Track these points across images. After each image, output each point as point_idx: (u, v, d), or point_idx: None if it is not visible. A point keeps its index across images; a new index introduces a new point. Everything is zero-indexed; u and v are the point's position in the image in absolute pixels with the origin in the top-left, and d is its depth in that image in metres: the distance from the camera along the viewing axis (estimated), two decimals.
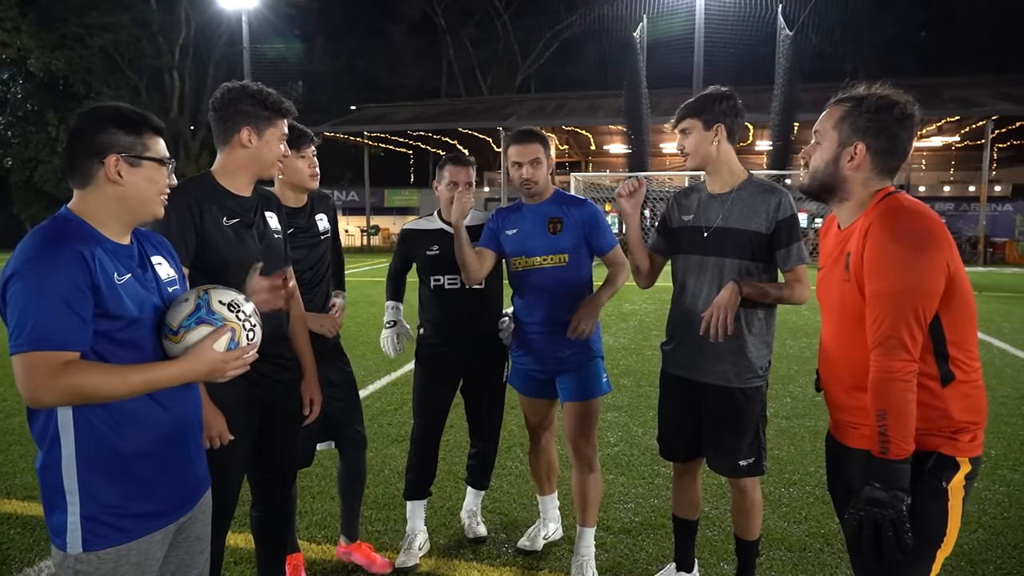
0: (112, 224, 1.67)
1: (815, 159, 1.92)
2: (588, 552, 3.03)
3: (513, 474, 4.23)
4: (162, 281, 1.76)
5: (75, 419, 1.58)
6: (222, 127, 2.26)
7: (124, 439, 1.62)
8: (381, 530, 3.50)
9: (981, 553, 3.24)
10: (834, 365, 1.97)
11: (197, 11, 31.17)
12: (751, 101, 25.91)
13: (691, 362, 2.65)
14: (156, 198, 1.72)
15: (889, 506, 1.68)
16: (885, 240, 1.71)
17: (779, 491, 3.96)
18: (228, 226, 2.23)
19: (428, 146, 32.75)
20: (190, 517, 1.82)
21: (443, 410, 3.27)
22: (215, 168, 2.31)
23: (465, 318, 3.16)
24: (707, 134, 2.57)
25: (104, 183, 1.64)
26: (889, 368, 1.70)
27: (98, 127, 1.64)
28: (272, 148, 2.29)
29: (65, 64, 29.26)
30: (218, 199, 2.24)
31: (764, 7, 23.51)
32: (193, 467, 1.81)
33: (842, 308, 1.88)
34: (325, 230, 3.02)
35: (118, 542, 1.62)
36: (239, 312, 1.74)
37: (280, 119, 2.30)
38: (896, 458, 1.70)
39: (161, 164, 1.71)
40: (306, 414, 2.60)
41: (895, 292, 1.69)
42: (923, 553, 1.76)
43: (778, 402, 5.73)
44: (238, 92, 2.26)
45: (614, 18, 29.07)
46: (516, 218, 3.07)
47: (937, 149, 31.72)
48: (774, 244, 2.53)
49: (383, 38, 40.72)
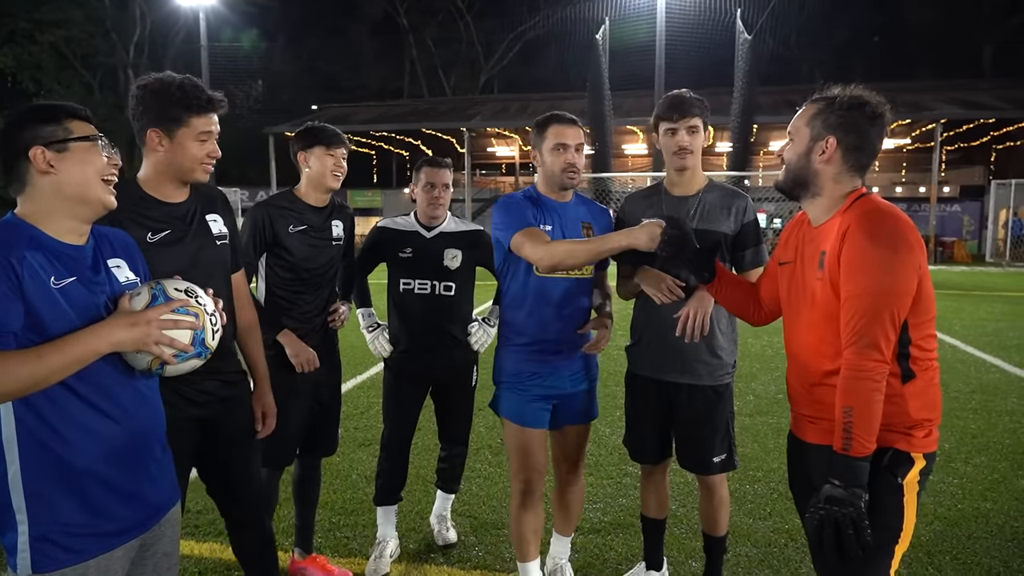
0: (59, 222, 1.61)
1: (788, 154, 1.98)
2: (565, 555, 3.03)
3: (482, 476, 4.23)
4: (118, 283, 1.69)
5: (18, 433, 1.52)
6: (136, 127, 2.07)
7: (73, 454, 1.56)
8: (349, 536, 3.46)
9: (938, 544, 3.34)
10: (797, 359, 2.02)
11: (152, 8, 30.53)
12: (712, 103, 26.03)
13: (661, 363, 2.67)
14: (95, 180, 1.63)
15: (848, 504, 1.72)
16: (864, 242, 1.76)
17: (743, 488, 4.03)
18: (153, 242, 2.03)
19: (391, 147, 32.56)
20: (154, 533, 1.76)
21: (413, 415, 3.24)
22: (139, 174, 2.12)
23: (435, 323, 3.13)
24: (704, 133, 2.62)
25: (37, 178, 1.59)
26: (861, 367, 1.74)
27: (17, 126, 1.60)
28: (187, 150, 2.05)
29: (13, 61, 28.38)
30: (141, 210, 2.05)
31: (724, 11, 23.89)
32: (154, 483, 1.74)
33: (812, 304, 1.92)
34: (338, 236, 2.96)
35: (71, 563, 1.56)
36: (197, 297, 1.70)
37: (193, 117, 2.05)
38: (857, 455, 1.74)
39: (89, 141, 1.63)
40: (258, 429, 2.42)
41: (872, 294, 1.74)
42: (882, 549, 1.81)
43: (741, 400, 5.84)
44: (145, 88, 2.05)
45: (576, 20, 29.27)
46: (545, 214, 2.62)
47: (889, 151, 32.63)
48: (738, 245, 2.58)
49: (345, 37, 40.33)
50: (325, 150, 2.80)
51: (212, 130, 2.09)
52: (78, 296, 1.58)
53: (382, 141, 31.64)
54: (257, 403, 2.43)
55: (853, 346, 1.76)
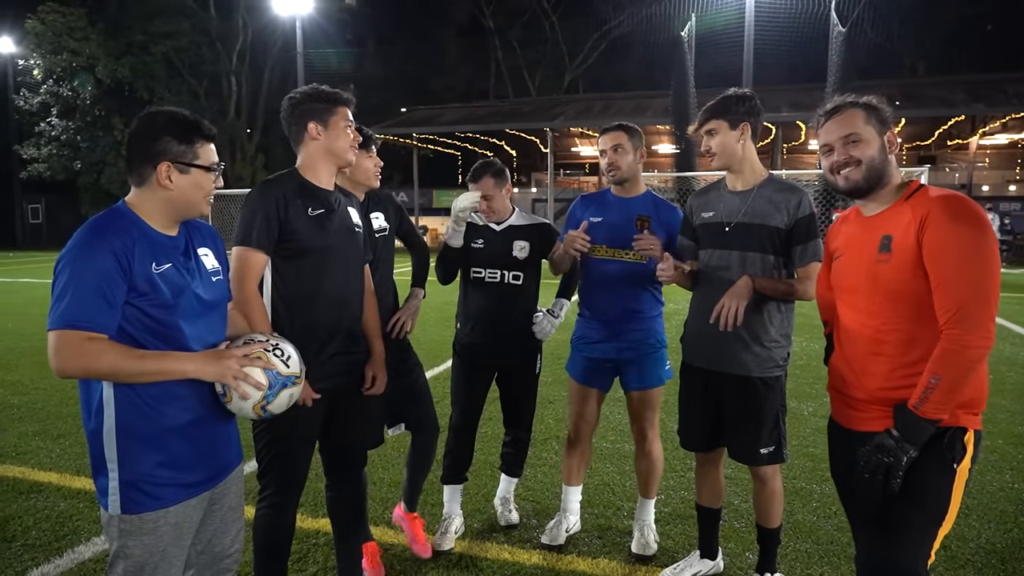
0: (160, 218, 1.85)
1: (867, 153, 2.00)
2: (649, 518, 3.31)
3: (547, 464, 4.36)
4: (206, 270, 1.93)
5: (116, 395, 1.75)
6: (294, 130, 2.45)
7: (160, 415, 1.78)
8: (418, 512, 3.66)
9: (1014, 552, 3.23)
10: (856, 343, 2.06)
11: (253, 18, 32.11)
12: (804, 99, 25.50)
13: (711, 353, 2.74)
14: (202, 201, 1.89)
15: (891, 453, 1.79)
16: (956, 224, 1.82)
17: (811, 487, 3.99)
18: (313, 216, 2.39)
19: (476, 147, 33.05)
20: (222, 488, 1.98)
21: (479, 399, 3.42)
22: (299, 164, 2.48)
23: (502, 312, 3.30)
24: (733, 133, 2.66)
25: (155, 185, 1.82)
26: (966, 343, 1.79)
27: (153, 134, 1.81)
28: (340, 135, 2.44)
29: (130, 71, 30.50)
30: (303, 192, 2.41)
31: (818, 3, 23.02)
32: (225, 443, 1.97)
33: (874, 288, 1.98)
34: (380, 228, 3.12)
35: (153, 508, 1.79)
36: (275, 346, 1.97)
37: (339, 107, 2.44)
38: (925, 416, 1.80)
39: (208, 171, 1.88)
40: (367, 387, 2.67)
41: (974, 273, 1.80)
42: (928, 529, 1.84)
43: (817, 402, 5.72)
44: (298, 96, 2.45)
45: (662, 17, 28.80)
46: (603, 207, 3.20)
47: (1002, 147, 30.54)
48: (793, 240, 2.60)
49: (432, 41, 41.18)
50: (366, 152, 2.97)
51: (352, 121, 2.50)
52: (172, 280, 1.81)
53: (467, 142, 32.17)
54: (369, 368, 2.68)
55: (959, 324, 1.80)
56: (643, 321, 3.18)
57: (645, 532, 3.27)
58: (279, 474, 2.44)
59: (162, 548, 1.81)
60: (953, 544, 3.28)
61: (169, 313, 1.79)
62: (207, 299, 1.90)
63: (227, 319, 2.05)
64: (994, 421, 5.16)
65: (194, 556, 1.98)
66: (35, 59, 30.52)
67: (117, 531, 1.78)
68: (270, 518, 2.46)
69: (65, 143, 30.91)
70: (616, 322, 3.16)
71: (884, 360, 1.96)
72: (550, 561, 3.15)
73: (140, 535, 1.78)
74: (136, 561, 1.79)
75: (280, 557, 2.51)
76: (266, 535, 2.47)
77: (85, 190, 31.48)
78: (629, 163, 3.12)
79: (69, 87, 30.98)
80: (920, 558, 1.84)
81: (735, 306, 2.48)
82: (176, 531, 1.83)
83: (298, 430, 2.40)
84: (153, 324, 1.77)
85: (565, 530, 3.35)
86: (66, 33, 29.33)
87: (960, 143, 29.67)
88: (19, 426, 5.18)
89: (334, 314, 2.46)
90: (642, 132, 3.21)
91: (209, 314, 1.91)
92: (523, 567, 3.11)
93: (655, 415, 3.28)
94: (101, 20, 30.40)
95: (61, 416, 5.38)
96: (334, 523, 2.78)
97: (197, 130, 1.86)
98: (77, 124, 31.06)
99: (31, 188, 34.20)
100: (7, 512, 3.64)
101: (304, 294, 2.41)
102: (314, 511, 3.61)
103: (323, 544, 3.27)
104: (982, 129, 27.66)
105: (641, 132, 3.20)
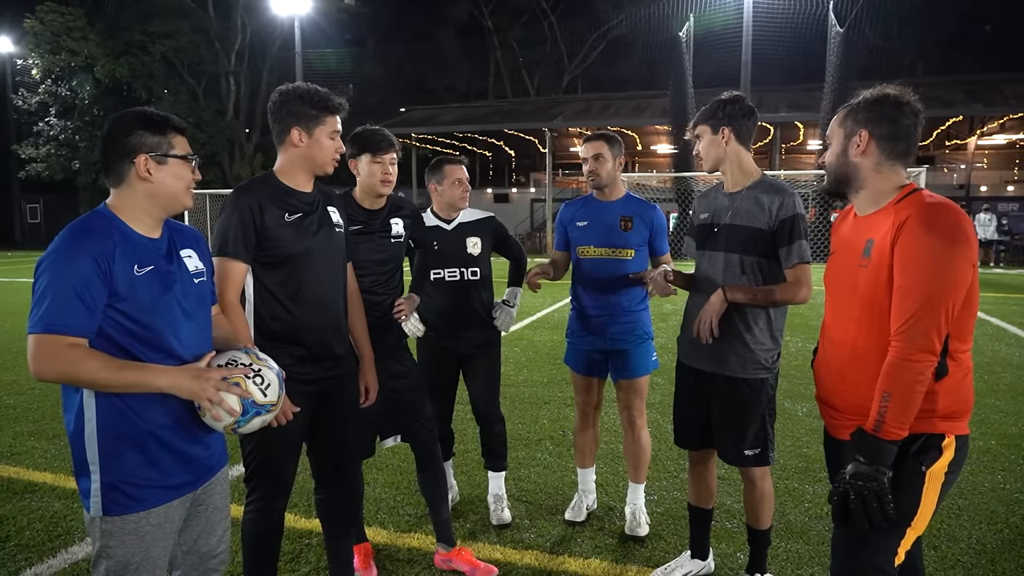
0: (143, 218, 1.85)
1: (827, 157, 2.06)
2: (640, 501, 3.48)
3: (542, 465, 4.37)
4: (188, 273, 1.92)
5: (97, 397, 1.75)
6: (277, 128, 2.41)
7: (141, 417, 1.79)
8: (411, 513, 3.67)
9: (1004, 552, 3.24)
10: (835, 346, 2.06)
11: (252, 17, 32.13)
12: (802, 100, 25.53)
13: (700, 352, 2.75)
14: (184, 192, 1.89)
15: (872, 479, 1.77)
16: (923, 233, 1.78)
17: (803, 488, 4.00)
18: (290, 222, 2.38)
19: (475, 147, 33.05)
20: (206, 489, 1.99)
21: (450, 385, 3.58)
22: (276, 167, 2.46)
23: (464, 307, 3.43)
24: (715, 137, 2.70)
25: (135, 181, 1.82)
26: (909, 357, 1.77)
27: (126, 131, 1.81)
28: (322, 147, 2.39)
29: (128, 71, 30.52)
30: (280, 197, 2.38)
31: (815, 3, 23.03)
32: (207, 446, 1.96)
33: (853, 292, 1.96)
34: (398, 234, 3.06)
35: (135, 510, 1.80)
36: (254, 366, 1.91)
37: (328, 116, 2.39)
38: (886, 438, 1.78)
39: (185, 160, 1.88)
40: (362, 401, 2.72)
41: (929, 286, 1.76)
42: (893, 529, 1.84)
43: (810, 403, 5.73)
44: (288, 94, 2.39)
45: (661, 17, 28.82)
46: (588, 211, 3.42)
47: (1000, 147, 30.55)
48: (777, 242, 2.61)
49: (431, 41, 41.21)
50: (372, 158, 2.90)
51: (339, 129, 2.45)
52: (155, 282, 1.81)
53: (466, 142, 32.17)
54: (362, 379, 2.75)
55: (904, 335, 1.78)
56: (630, 314, 3.39)
57: (636, 515, 3.44)
58: (266, 478, 2.45)
59: (144, 549, 1.82)
60: (943, 544, 3.29)
61: (151, 316, 1.79)
62: (190, 302, 1.90)
63: (212, 321, 2.05)
64: (987, 422, 5.17)
65: (180, 557, 1.99)
66: (34, 59, 30.52)
67: (99, 532, 1.79)
68: (257, 521, 2.46)
69: (63, 143, 30.92)
70: (605, 315, 3.36)
71: (860, 368, 1.93)
72: (542, 561, 3.16)
73: (122, 536, 1.79)
74: (119, 561, 1.80)
75: (269, 559, 2.52)
76: (254, 538, 2.48)
77: (84, 190, 31.48)
78: (608, 171, 3.34)
79: (68, 87, 31.00)
80: (885, 556, 1.85)
81: (708, 321, 2.56)
82: (158, 532, 1.84)
83: (284, 434, 2.38)
84: (135, 327, 1.77)
85: (586, 507, 3.60)
86: (65, 33, 29.33)
87: (958, 143, 29.72)
88: (14, 426, 5.20)
89: (318, 316, 2.46)
90: (621, 141, 3.40)
91: (192, 317, 1.90)
92: (515, 567, 3.11)
93: (643, 402, 3.46)
94: (100, 20, 30.45)
95: (56, 417, 5.38)
96: (324, 524, 2.78)
97: (168, 123, 1.86)
98: (75, 124, 31.06)
99: (29, 188, 34.21)
100: (1, 512, 3.65)
101: (287, 298, 2.40)
102: (307, 511, 3.62)
103: (316, 544, 3.28)
104: (980, 129, 27.71)
105: (621, 141, 3.39)
